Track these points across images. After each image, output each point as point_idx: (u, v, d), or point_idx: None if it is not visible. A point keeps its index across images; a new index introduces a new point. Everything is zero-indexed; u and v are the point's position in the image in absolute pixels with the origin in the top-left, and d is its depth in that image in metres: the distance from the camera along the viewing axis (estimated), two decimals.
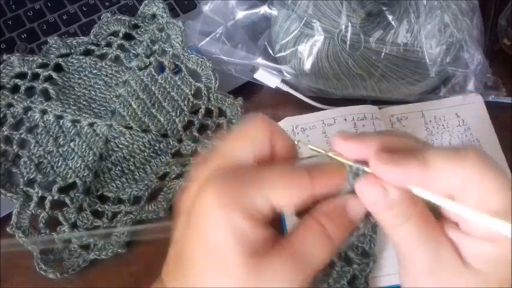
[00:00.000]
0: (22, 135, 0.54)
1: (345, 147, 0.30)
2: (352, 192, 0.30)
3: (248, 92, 0.57)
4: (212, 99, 0.56)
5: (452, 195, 0.28)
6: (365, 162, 0.29)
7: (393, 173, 0.28)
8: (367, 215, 0.32)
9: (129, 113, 0.55)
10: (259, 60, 0.56)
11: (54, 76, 0.56)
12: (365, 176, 0.29)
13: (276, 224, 0.32)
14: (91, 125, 0.54)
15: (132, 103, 0.55)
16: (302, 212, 0.31)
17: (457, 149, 0.28)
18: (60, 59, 0.57)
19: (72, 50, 0.58)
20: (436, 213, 0.30)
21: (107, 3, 0.63)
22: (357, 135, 0.30)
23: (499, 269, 0.28)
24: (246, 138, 0.31)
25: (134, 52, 0.58)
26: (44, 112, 0.55)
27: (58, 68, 0.57)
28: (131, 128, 0.54)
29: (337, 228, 0.30)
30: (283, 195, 0.29)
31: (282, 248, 0.29)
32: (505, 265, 0.28)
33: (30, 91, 0.56)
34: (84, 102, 0.56)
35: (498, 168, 0.28)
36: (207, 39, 0.56)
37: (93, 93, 0.56)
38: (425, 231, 0.29)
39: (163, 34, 0.59)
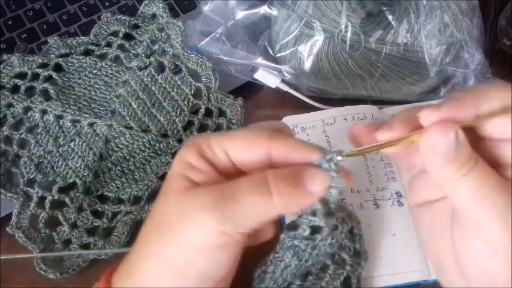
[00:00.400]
0: (22, 135, 0.54)
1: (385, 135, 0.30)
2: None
3: (248, 92, 0.57)
4: (212, 99, 0.56)
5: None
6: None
7: (451, 111, 0.28)
8: (345, 211, 0.32)
9: (129, 113, 0.55)
10: (259, 60, 0.56)
11: (54, 76, 0.56)
12: (427, 131, 0.28)
13: (276, 222, 0.33)
14: (91, 125, 0.54)
15: (132, 103, 0.55)
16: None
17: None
18: (60, 59, 0.57)
19: (72, 50, 0.58)
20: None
21: (107, 3, 0.63)
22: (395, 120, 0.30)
23: None
24: (244, 139, 0.31)
25: (134, 52, 0.58)
26: (44, 112, 0.55)
27: (58, 68, 0.57)
28: (131, 128, 0.54)
29: (284, 183, 0.29)
30: (238, 148, 0.30)
31: (216, 184, 0.29)
32: None
33: (30, 91, 0.56)
34: (84, 102, 0.56)
35: None
36: (207, 39, 0.56)
37: (93, 93, 0.56)
38: (493, 177, 0.28)
39: (163, 34, 0.59)
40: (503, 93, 0.28)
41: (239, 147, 0.30)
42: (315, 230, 0.32)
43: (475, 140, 0.30)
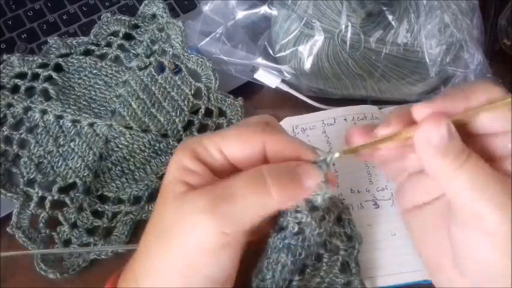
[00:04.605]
0: (22, 135, 0.54)
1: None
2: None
3: (248, 92, 0.57)
4: (212, 99, 0.56)
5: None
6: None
7: (442, 104, 0.29)
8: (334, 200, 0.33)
9: (129, 113, 0.55)
10: (259, 60, 0.56)
11: (54, 76, 0.56)
12: (421, 124, 0.30)
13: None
14: (91, 125, 0.54)
15: (132, 103, 0.55)
16: None
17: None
18: (60, 59, 0.57)
19: (72, 50, 0.58)
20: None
21: (107, 3, 0.63)
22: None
23: None
24: (239, 138, 0.31)
25: (134, 52, 0.58)
26: (44, 112, 0.55)
27: (58, 68, 0.57)
28: (131, 128, 0.54)
29: (282, 178, 0.29)
30: (233, 145, 0.30)
31: (211, 184, 0.29)
32: None
33: (30, 91, 0.56)
34: (84, 102, 0.56)
35: None
36: (207, 39, 0.56)
37: (93, 93, 0.56)
38: (488, 167, 0.29)
39: (163, 34, 0.59)
40: (489, 90, 0.30)
41: (234, 145, 0.30)
42: (302, 224, 0.33)
43: (466, 136, 0.30)
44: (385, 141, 0.31)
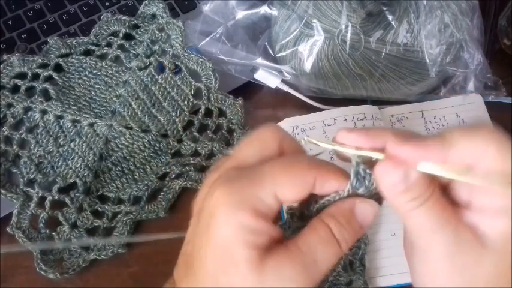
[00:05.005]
0: (22, 135, 0.54)
1: (352, 138, 0.30)
2: (356, 194, 0.30)
3: (248, 92, 0.57)
4: (212, 99, 0.56)
5: (470, 167, 0.28)
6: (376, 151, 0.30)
7: (413, 152, 0.28)
8: None
9: (129, 113, 0.55)
10: (259, 60, 0.56)
11: (54, 76, 0.56)
12: (383, 160, 0.29)
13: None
14: (91, 125, 0.54)
15: (132, 103, 0.55)
16: (304, 215, 0.32)
17: (472, 125, 0.29)
18: (60, 59, 0.57)
19: (72, 50, 0.58)
20: (451, 202, 0.30)
21: (107, 3, 0.63)
22: (366, 129, 0.31)
23: None
24: (254, 142, 0.32)
25: (134, 52, 0.58)
26: (44, 112, 0.55)
27: (58, 68, 0.57)
28: (131, 128, 0.54)
29: (346, 231, 0.30)
30: (289, 191, 0.29)
31: (287, 249, 0.29)
32: None
33: (30, 91, 0.56)
34: (84, 102, 0.56)
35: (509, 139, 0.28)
36: (207, 39, 0.56)
37: (93, 93, 0.56)
38: (443, 214, 0.29)
39: (163, 34, 0.59)
40: (469, 142, 0.29)
41: (290, 191, 0.29)
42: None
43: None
44: (352, 150, 0.31)
